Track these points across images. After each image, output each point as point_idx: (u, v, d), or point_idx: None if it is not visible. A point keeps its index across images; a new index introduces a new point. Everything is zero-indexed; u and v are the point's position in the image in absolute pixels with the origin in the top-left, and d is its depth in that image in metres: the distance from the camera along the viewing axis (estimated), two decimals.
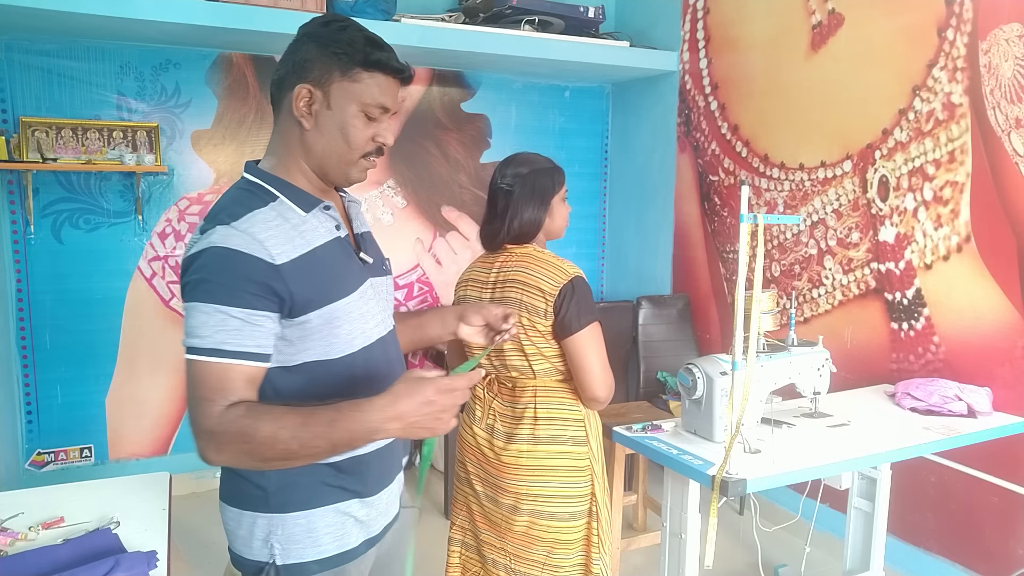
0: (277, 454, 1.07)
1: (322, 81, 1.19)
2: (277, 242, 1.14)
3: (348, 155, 1.22)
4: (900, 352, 2.76)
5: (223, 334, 1.09)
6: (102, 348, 3.43)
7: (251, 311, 1.11)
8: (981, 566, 2.53)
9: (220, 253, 1.10)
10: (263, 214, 1.16)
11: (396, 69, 1.23)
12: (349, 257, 1.25)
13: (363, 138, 1.21)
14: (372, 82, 1.20)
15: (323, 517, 1.23)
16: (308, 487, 1.22)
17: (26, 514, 1.53)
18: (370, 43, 1.21)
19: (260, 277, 1.11)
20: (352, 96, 1.20)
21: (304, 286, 1.15)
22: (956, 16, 2.52)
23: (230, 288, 1.10)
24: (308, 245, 1.17)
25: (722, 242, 3.62)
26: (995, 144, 2.43)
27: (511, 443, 1.81)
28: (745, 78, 3.41)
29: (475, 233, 4.21)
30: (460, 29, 3.43)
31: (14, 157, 3.05)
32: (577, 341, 1.75)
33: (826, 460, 1.93)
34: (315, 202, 1.23)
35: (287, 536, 1.22)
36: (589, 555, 1.83)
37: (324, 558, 1.23)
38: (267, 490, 1.21)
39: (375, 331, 1.28)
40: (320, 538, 1.23)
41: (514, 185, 1.82)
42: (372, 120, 1.22)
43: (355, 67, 1.19)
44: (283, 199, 1.20)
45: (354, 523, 1.27)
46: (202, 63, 3.47)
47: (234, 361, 1.10)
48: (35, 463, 3.36)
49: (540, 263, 1.79)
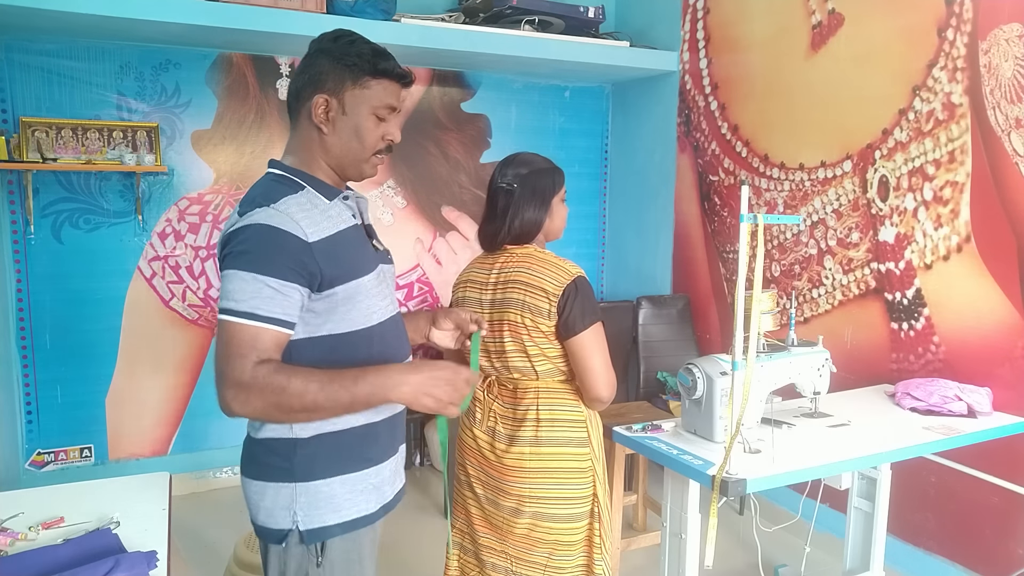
0: (304, 405, 1.22)
1: (337, 90, 1.36)
2: (310, 223, 1.29)
3: (362, 153, 1.39)
4: (900, 352, 2.76)
5: (258, 300, 1.24)
6: (102, 348, 3.43)
7: (284, 282, 1.25)
8: (981, 566, 2.53)
9: (262, 230, 1.26)
10: (296, 199, 1.32)
11: (400, 75, 1.40)
12: (365, 242, 1.43)
13: (375, 137, 1.38)
14: (380, 87, 1.37)
15: (343, 484, 1.37)
16: (329, 457, 1.36)
17: (26, 514, 1.53)
18: (376, 54, 1.37)
19: (296, 252, 1.26)
20: (364, 101, 1.36)
21: (332, 262, 1.30)
22: (956, 16, 2.52)
23: (270, 260, 1.25)
24: (335, 227, 1.34)
25: (722, 242, 3.62)
26: (995, 144, 2.43)
27: (513, 445, 1.80)
28: (745, 78, 3.41)
29: (475, 233, 4.20)
30: (460, 29, 3.43)
31: (14, 157, 3.05)
32: (581, 341, 1.74)
33: (826, 460, 1.93)
34: (336, 192, 1.39)
35: (309, 503, 1.34)
36: (591, 556, 1.83)
37: (345, 522, 1.37)
38: (292, 462, 1.35)
39: (388, 309, 1.44)
40: (341, 504, 1.37)
41: (514, 185, 1.82)
42: (381, 121, 1.38)
43: (365, 76, 1.36)
44: (309, 188, 1.36)
45: (372, 489, 1.41)
46: (202, 63, 3.47)
47: (265, 325, 1.24)
48: (35, 463, 3.36)
49: (542, 263, 1.79)
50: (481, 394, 1.91)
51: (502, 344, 1.81)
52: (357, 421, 1.37)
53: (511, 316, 1.78)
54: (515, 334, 1.78)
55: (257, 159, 3.60)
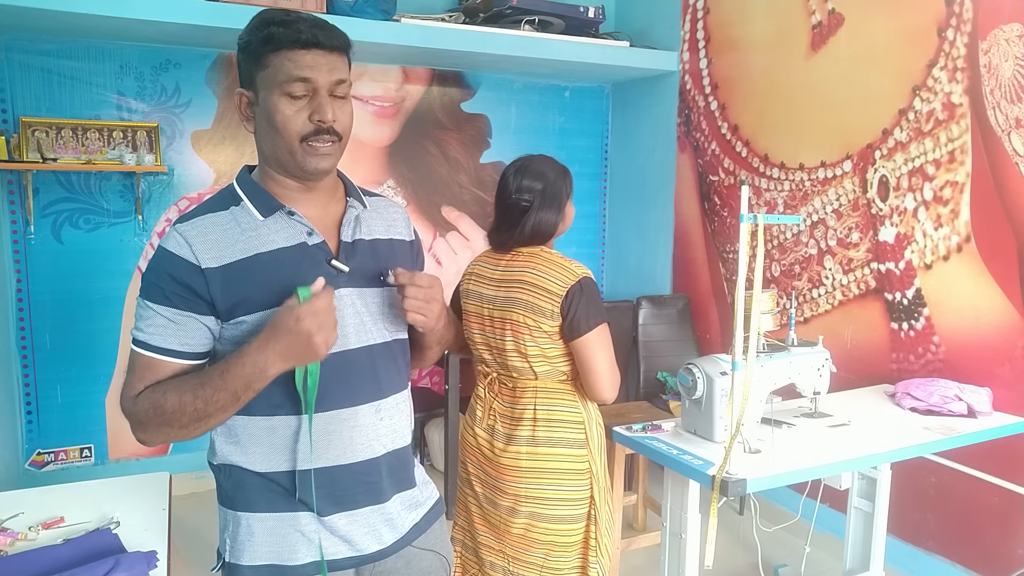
0: (190, 418, 1.13)
1: (249, 81, 1.20)
2: (212, 246, 1.16)
3: (285, 142, 1.17)
4: (900, 352, 2.76)
5: (152, 329, 1.16)
6: (102, 348, 3.43)
7: (175, 310, 1.15)
8: (981, 566, 2.53)
9: (160, 253, 1.17)
10: (216, 218, 1.19)
11: (295, 41, 1.13)
12: (312, 264, 1.20)
13: (292, 120, 1.16)
14: (280, 60, 1.15)
15: (262, 523, 1.23)
16: (254, 489, 1.23)
17: (26, 514, 1.53)
18: (265, 23, 1.16)
19: (183, 278, 1.15)
20: (268, 82, 1.16)
21: (231, 290, 1.16)
22: (956, 16, 2.52)
23: (160, 288, 1.16)
24: (251, 251, 1.17)
25: (722, 242, 3.61)
26: (995, 144, 2.43)
27: (511, 444, 1.81)
28: (745, 78, 3.41)
29: (475, 233, 4.24)
30: (460, 29, 3.43)
31: (14, 157, 3.05)
32: (586, 343, 1.74)
33: (826, 460, 1.93)
34: (277, 207, 1.21)
35: (233, 535, 1.25)
36: (587, 558, 1.83)
37: (257, 565, 1.22)
38: (223, 486, 1.26)
39: (355, 339, 1.24)
40: (257, 545, 1.23)
41: (531, 200, 1.82)
42: (297, 99, 1.15)
43: (262, 54, 1.16)
44: (246, 203, 1.21)
45: (300, 538, 1.23)
46: (202, 63, 3.47)
47: (158, 356, 1.16)
48: (35, 463, 3.36)
49: (547, 263, 1.79)
50: (483, 392, 1.91)
51: (503, 342, 1.81)
52: (261, 467, 1.22)
53: (515, 316, 1.78)
54: (517, 334, 1.79)
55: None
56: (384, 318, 1.28)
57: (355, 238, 1.27)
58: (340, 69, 1.18)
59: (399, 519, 1.31)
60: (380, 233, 1.32)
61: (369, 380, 1.26)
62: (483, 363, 1.91)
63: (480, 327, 1.88)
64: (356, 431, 1.24)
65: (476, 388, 1.95)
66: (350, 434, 1.24)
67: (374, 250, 1.29)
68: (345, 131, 1.21)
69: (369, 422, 1.26)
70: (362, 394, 1.25)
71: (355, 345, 1.24)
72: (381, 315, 1.28)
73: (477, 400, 1.92)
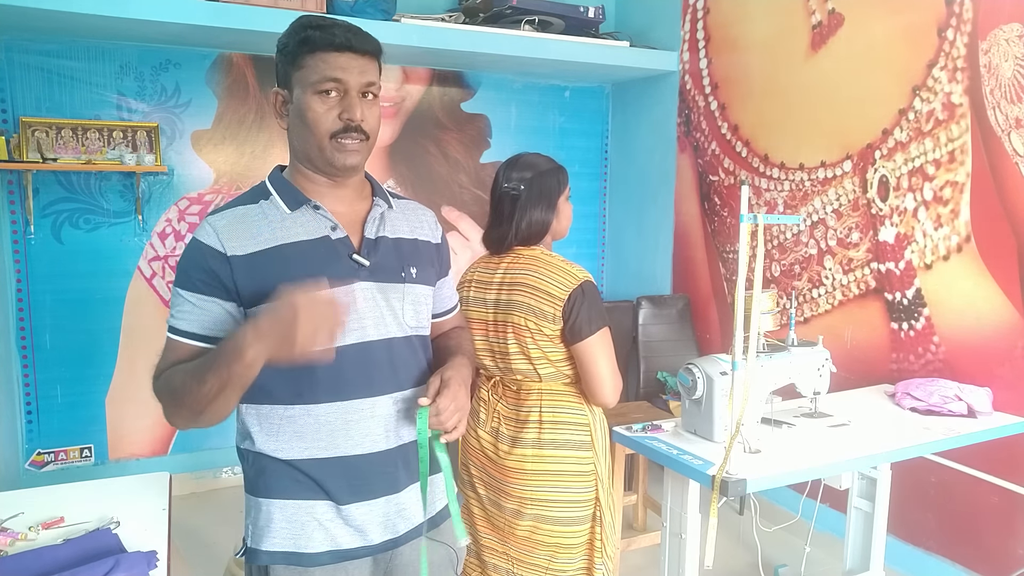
0: (195, 398, 1.14)
1: (285, 80, 1.27)
2: (239, 235, 1.22)
3: (315, 138, 1.23)
4: (900, 352, 2.76)
5: (179, 313, 1.22)
6: (102, 348, 3.43)
7: (199, 295, 1.21)
8: (981, 566, 2.53)
9: (191, 243, 1.24)
10: (245, 210, 1.26)
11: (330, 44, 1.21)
12: (335, 258, 1.25)
13: (323, 118, 1.23)
14: (314, 61, 1.22)
15: (281, 510, 1.26)
16: (274, 475, 1.27)
17: (26, 514, 1.53)
18: (303, 27, 1.24)
19: (209, 265, 1.21)
20: (302, 81, 1.23)
21: (255, 278, 1.21)
22: (956, 16, 2.52)
23: (188, 274, 1.22)
24: (276, 241, 1.23)
25: (722, 242, 3.62)
26: (995, 144, 2.43)
27: (516, 447, 1.80)
28: (745, 78, 3.41)
29: (475, 233, 4.23)
30: (460, 29, 3.43)
31: (14, 157, 3.05)
32: (587, 347, 1.74)
33: (826, 460, 1.93)
34: (304, 200, 1.27)
35: (255, 520, 1.29)
36: (592, 560, 1.83)
37: (275, 551, 1.26)
38: (247, 472, 1.31)
39: (374, 331, 1.27)
40: (276, 530, 1.26)
41: (520, 188, 1.81)
42: (329, 97, 1.22)
43: (299, 55, 1.23)
44: (275, 197, 1.28)
45: (316, 527, 1.26)
46: (202, 63, 3.47)
47: (181, 339, 1.22)
48: (35, 463, 3.36)
49: (549, 267, 1.77)
50: (486, 394, 1.90)
51: (505, 346, 1.80)
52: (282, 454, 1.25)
53: (516, 319, 1.77)
54: (519, 337, 1.78)
55: (257, 159, 3.60)
56: (404, 313, 1.32)
57: (379, 235, 1.32)
58: (371, 72, 1.26)
59: (413, 510, 1.34)
60: (405, 233, 1.36)
61: (388, 372, 1.30)
62: (484, 368, 1.91)
63: (483, 333, 1.87)
64: (375, 421, 1.28)
65: (478, 390, 1.95)
66: (369, 424, 1.27)
67: (397, 248, 1.33)
68: (373, 131, 1.27)
69: (388, 412, 1.29)
70: (381, 385, 1.28)
71: (374, 337, 1.28)
72: (401, 310, 1.31)
73: (480, 402, 1.91)
